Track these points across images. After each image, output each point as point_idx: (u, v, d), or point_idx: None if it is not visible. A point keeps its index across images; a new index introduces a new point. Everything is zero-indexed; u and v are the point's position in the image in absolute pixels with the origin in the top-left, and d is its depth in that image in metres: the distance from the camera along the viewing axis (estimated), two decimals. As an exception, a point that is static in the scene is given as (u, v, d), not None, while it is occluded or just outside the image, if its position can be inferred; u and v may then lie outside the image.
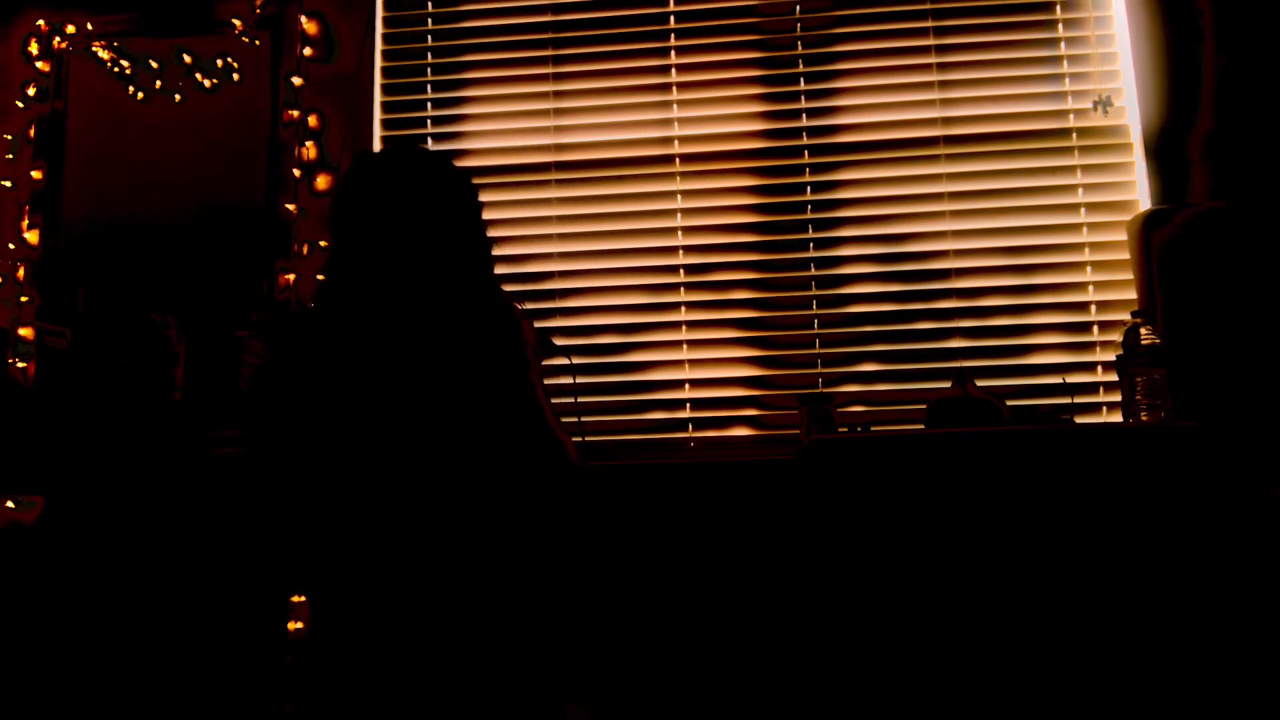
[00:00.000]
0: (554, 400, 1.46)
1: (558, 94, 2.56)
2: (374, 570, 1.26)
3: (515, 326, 1.33)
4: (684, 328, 2.43)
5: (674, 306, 2.44)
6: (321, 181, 2.57)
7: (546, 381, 1.41)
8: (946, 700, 1.59)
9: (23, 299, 2.56)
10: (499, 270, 1.49)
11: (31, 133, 2.64)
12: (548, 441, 1.32)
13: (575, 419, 2.25)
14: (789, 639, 2.04)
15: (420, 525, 1.26)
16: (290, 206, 2.52)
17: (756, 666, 2.08)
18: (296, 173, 2.54)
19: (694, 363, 2.42)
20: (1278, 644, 1.54)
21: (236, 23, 2.61)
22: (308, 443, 1.33)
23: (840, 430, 2.07)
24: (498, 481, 1.30)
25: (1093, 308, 2.32)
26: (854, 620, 1.66)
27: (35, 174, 2.62)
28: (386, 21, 2.65)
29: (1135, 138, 2.36)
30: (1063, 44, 2.42)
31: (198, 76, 2.62)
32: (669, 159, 2.49)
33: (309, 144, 2.57)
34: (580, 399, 2.28)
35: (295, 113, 2.56)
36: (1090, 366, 2.30)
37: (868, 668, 1.63)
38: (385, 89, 2.62)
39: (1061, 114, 2.40)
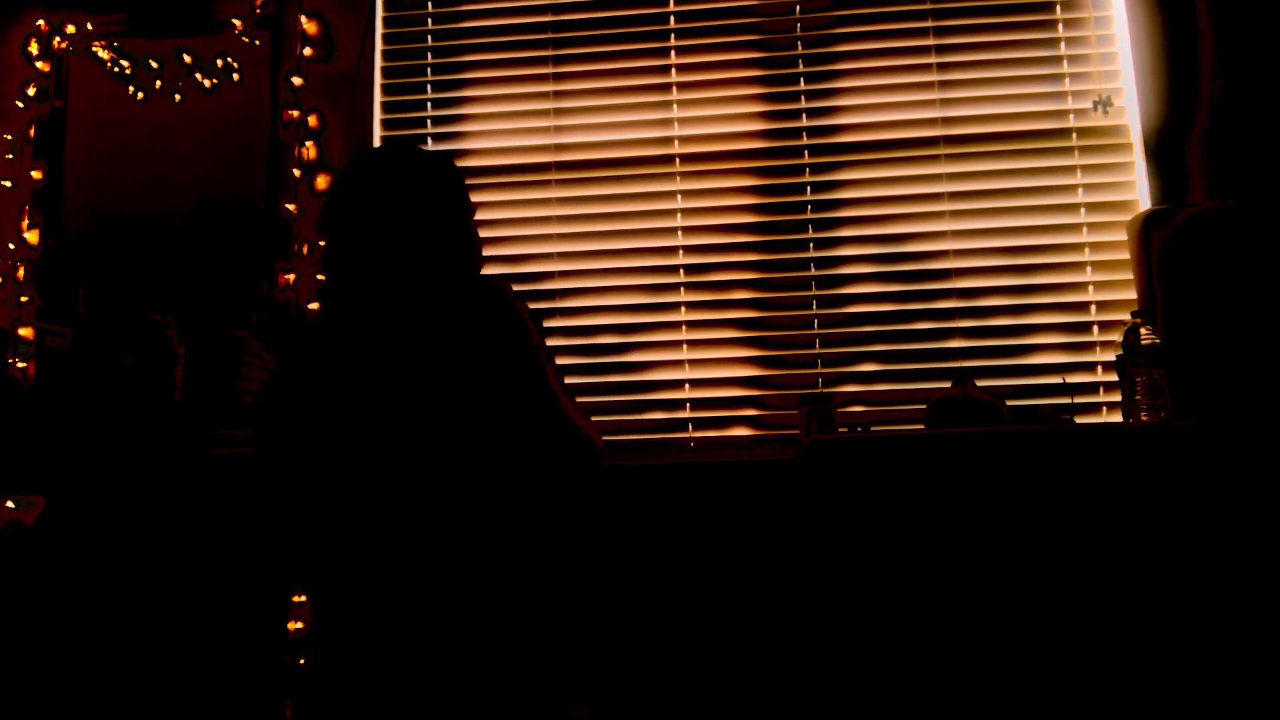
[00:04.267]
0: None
1: (558, 94, 2.56)
2: (389, 569, 1.26)
3: (519, 319, 1.34)
4: (684, 328, 2.43)
5: (674, 306, 2.44)
6: (321, 181, 2.57)
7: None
8: (948, 700, 1.59)
9: (23, 299, 2.56)
10: (501, 269, 1.52)
11: (31, 133, 2.64)
12: (568, 431, 1.34)
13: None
14: (790, 638, 2.04)
15: (437, 522, 1.26)
16: (290, 206, 2.52)
17: (757, 666, 2.08)
18: (296, 173, 2.54)
19: (694, 363, 2.42)
20: (1278, 644, 1.54)
21: (236, 23, 2.61)
22: (321, 442, 1.32)
23: (840, 430, 2.07)
24: (516, 475, 1.31)
25: (1093, 308, 2.32)
26: (855, 620, 1.66)
27: (35, 174, 2.62)
28: (386, 21, 2.65)
29: (1135, 138, 2.36)
30: (1063, 44, 2.42)
31: (198, 76, 2.62)
32: (669, 159, 2.49)
33: (309, 144, 2.57)
34: (579, 399, 2.28)
35: (295, 113, 2.56)
36: (1090, 366, 2.30)
37: (869, 667, 1.63)
38: (385, 89, 2.62)
39: (1061, 114, 2.40)
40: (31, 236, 2.59)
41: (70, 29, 2.67)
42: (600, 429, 2.37)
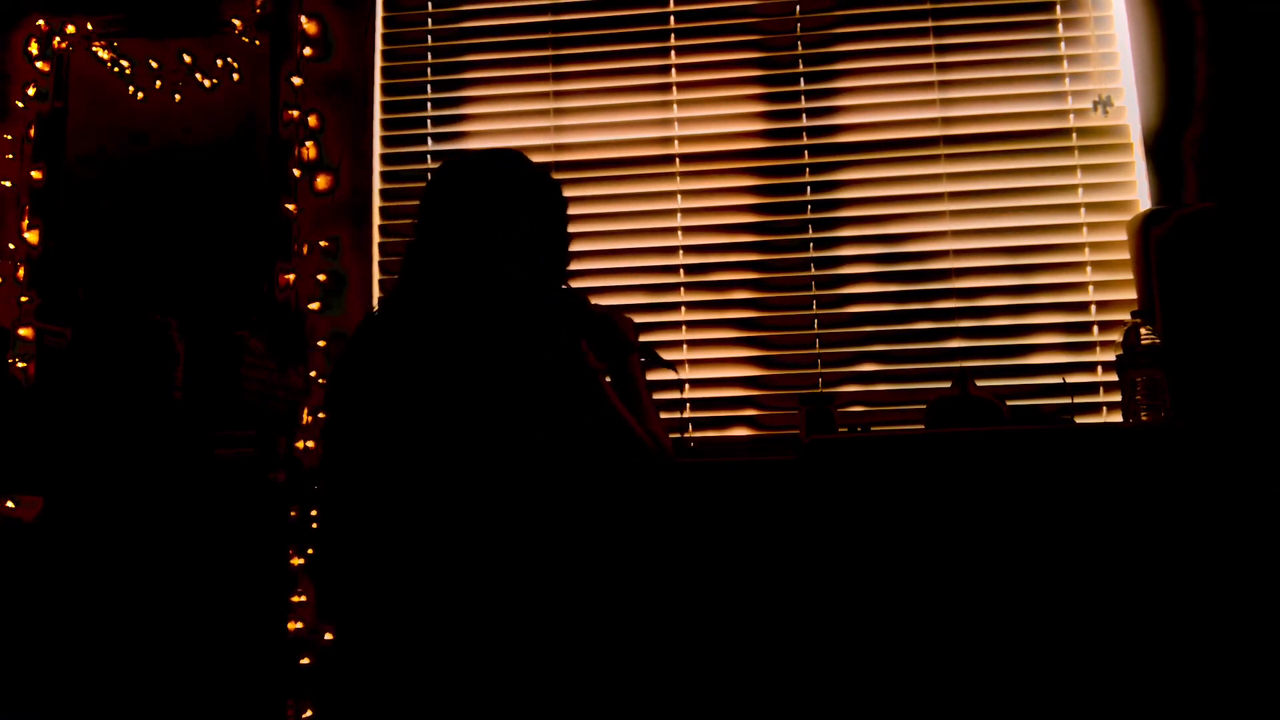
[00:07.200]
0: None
1: (558, 94, 2.56)
2: (426, 570, 1.26)
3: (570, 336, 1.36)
4: (684, 328, 2.43)
5: (674, 306, 2.44)
6: (321, 181, 2.57)
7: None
8: (946, 700, 1.59)
9: (23, 299, 2.56)
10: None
11: (31, 133, 2.64)
12: (626, 435, 1.40)
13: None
14: (789, 639, 2.04)
15: (458, 519, 1.27)
16: (290, 206, 2.52)
17: (757, 667, 2.08)
18: (296, 173, 2.54)
19: (694, 363, 2.42)
20: (1278, 644, 1.54)
21: (236, 23, 2.61)
22: (370, 440, 1.32)
23: (840, 430, 2.07)
24: (557, 479, 1.32)
25: (1093, 308, 2.32)
26: (855, 620, 1.66)
27: (35, 174, 2.62)
28: (386, 21, 2.65)
29: (1135, 138, 2.36)
30: (1063, 44, 2.42)
31: (198, 76, 2.62)
32: (669, 159, 2.49)
33: (309, 144, 2.57)
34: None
35: (295, 113, 2.56)
36: (1090, 366, 2.30)
37: (868, 667, 1.63)
38: (385, 89, 2.62)
39: (1061, 114, 2.40)
40: (31, 236, 2.59)
41: (70, 29, 2.66)
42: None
